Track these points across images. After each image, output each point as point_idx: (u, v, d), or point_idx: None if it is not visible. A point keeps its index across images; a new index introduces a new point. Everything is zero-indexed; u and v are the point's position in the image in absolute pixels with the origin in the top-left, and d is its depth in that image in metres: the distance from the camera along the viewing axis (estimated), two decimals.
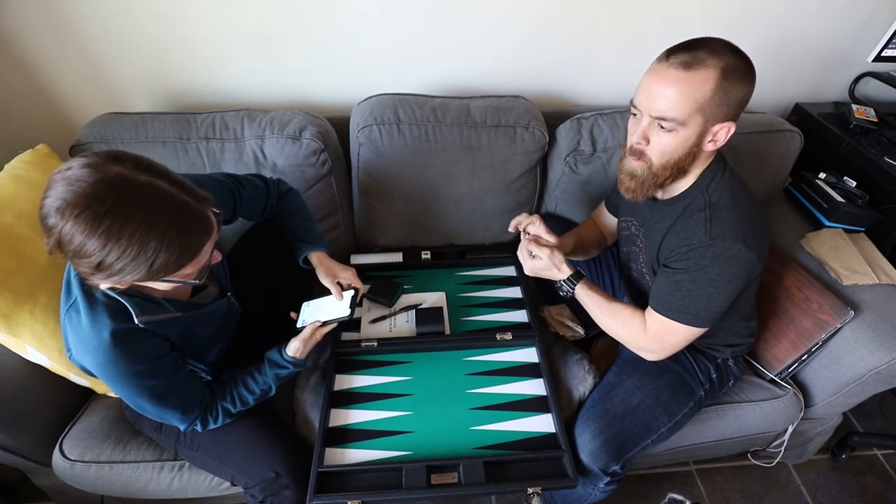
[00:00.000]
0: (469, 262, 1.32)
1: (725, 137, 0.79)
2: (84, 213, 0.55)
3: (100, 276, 0.61)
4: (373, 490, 0.86)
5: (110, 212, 0.56)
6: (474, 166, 1.22)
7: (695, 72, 0.73)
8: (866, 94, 1.54)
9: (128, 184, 0.58)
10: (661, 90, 0.75)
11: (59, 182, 0.57)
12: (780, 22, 1.33)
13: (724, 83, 0.73)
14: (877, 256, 1.21)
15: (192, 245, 0.64)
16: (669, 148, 0.79)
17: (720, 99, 0.74)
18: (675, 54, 0.75)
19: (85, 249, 0.56)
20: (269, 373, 0.91)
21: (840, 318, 1.06)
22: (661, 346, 0.92)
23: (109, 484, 0.99)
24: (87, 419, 1.03)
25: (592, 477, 0.95)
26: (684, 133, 0.77)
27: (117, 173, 0.58)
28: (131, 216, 0.57)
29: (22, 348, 0.92)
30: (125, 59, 1.21)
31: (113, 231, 0.56)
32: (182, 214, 0.62)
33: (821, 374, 1.14)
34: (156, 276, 0.63)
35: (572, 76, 1.38)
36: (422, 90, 1.28)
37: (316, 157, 1.15)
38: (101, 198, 0.56)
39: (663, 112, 0.76)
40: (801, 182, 1.37)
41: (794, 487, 1.37)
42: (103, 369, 0.73)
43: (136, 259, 0.58)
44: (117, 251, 0.57)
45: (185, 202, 0.62)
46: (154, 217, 0.58)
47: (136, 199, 0.58)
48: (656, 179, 0.83)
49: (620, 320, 0.94)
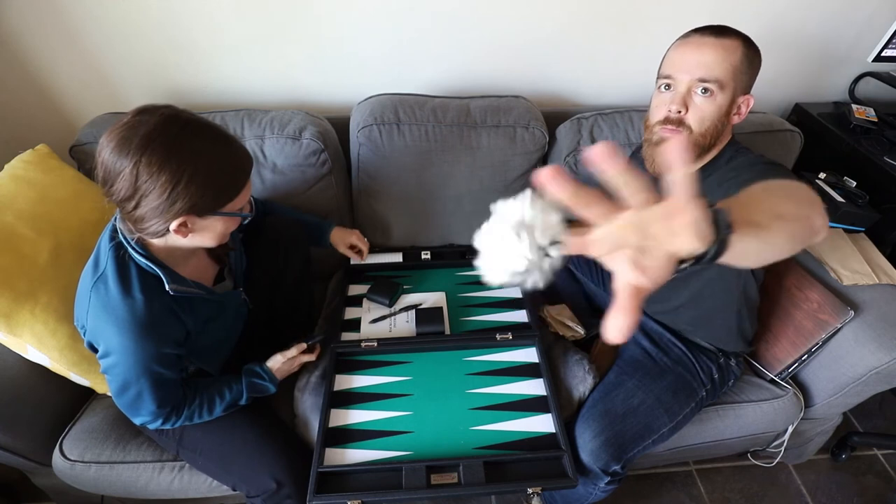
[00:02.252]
0: (469, 262, 1.32)
1: (746, 110, 0.84)
2: (157, 143, 0.62)
3: (171, 212, 0.66)
4: (373, 490, 0.86)
5: (179, 138, 0.63)
6: (474, 166, 1.22)
7: (727, 39, 0.80)
8: (866, 94, 1.54)
9: (185, 118, 0.66)
10: (700, 54, 0.81)
11: (119, 130, 0.63)
12: (780, 22, 1.33)
13: (748, 52, 0.81)
14: (877, 256, 1.21)
15: (244, 170, 0.73)
16: (708, 113, 0.82)
17: (746, 67, 0.81)
18: (700, 31, 0.83)
19: (160, 178, 0.63)
20: (244, 381, 0.93)
21: (840, 318, 1.06)
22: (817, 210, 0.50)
23: (110, 484, 0.99)
24: (86, 419, 1.02)
25: (593, 477, 0.95)
26: (721, 98, 0.81)
27: (172, 112, 0.66)
28: (195, 141, 0.65)
29: (22, 348, 0.92)
30: (125, 59, 1.21)
31: (185, 155, 0.63)
32: (232, 142, 0.71)
33: (821, 374, 1.14)
34: (219, 198, 0.70)
35: (572, 76, 1.38)
36: (422, 90, 1.28)
37: (316, 157, 1.15)
38: (168, 129, 0.63)
39: (705, 73, 0.80)
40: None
41: (794, 487, 1.37)
42: (123, 341, 0.74)
43: (207, 180, 0.66)
44: (190, 172, 0.64)
45: (231, 135, 0.72)
46: (214, 142, 0.68)
47: (196, 128, 0.66)
48: (698, 144, 0.84)
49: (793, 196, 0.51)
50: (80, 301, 0.78)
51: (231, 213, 0.74)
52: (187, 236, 0.72)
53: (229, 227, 0.78)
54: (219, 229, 0.76)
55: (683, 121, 0.83)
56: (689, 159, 0.35)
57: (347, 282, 1.24)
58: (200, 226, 0.73)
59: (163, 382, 0.81)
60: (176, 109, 0.67)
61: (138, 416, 0.83)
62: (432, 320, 1.11)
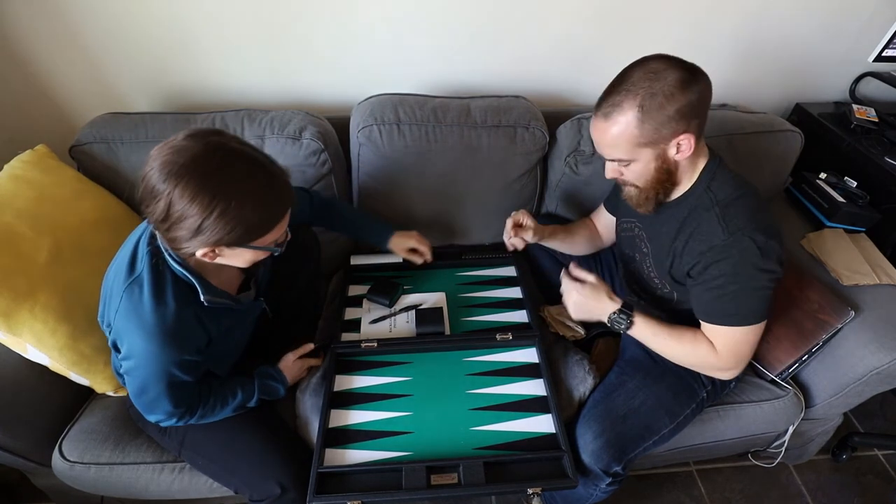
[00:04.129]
0: (469, 262, 1.32)
1: (690, 146, 0.80)
2: (194, 174, 0.62)
3: (198, 240, 0.66)
4: (373, 490, 0.86)
5: (216, 172, 0.63)
6: (474, 166, 1.22)
7: (614, 119, 0.78)
8: (867, 94, 1.54)
9: (228, 149, 0.65)
10: (599, 139, 0.83)
11: (165, 152, 0.64)
12: (780, 22, 1.33)
13: (645, 116, 0.76)
14: (877, 256, 1.21)
15: (279, 208, 0.71)
16: (639, 174, 0.84)
17: (652, 127, 0.77)
18: (600, 102, 0.80)
19: (192, 209, 0.62)
20: (256, 382, 0.94)
21: (841, 318, 1.06)
22: (735, 359, 0.89)
23: (110, 485, 0.99)
24: (85, 420, 1.02)
25: (594, 478, 0.95)
26: (641, 163, 0.82)
27: (218, 142, 0.65)
28: (233, 176, 0.64)
29: (22, 347, 0.92)
30: (125, 59, 1.21)
31: (219, 189, 0.63)
32: (272, 178, 0.69)
33: (821, 375, 1.13)
34: (248, 238, 0.69)
35: (572, 76, 1.38)
36: (422, 90, 1.28)
37: (316, 157, 1.15)
38: (208, 160, 0.63)
39: (610, 155, 0.84)
40: (801, 182, 1.37)
41: (795, 488, 1.37)
42: (148, 346, 0.74)
43: (238, 217, 0.65)
44: (221, 207, 0.63)
45: (274, 170, 0.70)
46: (252, 178, 0.66)
47: (237, 162, 0.65)
48: (650, 194, 0.87)
49: (686, 345, 0.91)
50: (111, 300, 0.78)
51: (261, 248, 0.74)
52: (214, 260, 0.72)
53: (259, 256, 0.77)
54: (248, 257, 0.76)
55: (626, 181, 0.87)
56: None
57: (347, 282, 1.24)
58: (229, 254, 0.72)
59: (181, 386, 0.81)
60: (222, 138, 0.66)
61: (153, 414, 0.84)
62: (432, 321, 1.11)
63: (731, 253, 0.81)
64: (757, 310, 0.84)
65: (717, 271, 0.83)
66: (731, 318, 0.85)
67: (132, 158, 1.12)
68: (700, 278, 0.87)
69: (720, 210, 0.84)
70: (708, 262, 0.84)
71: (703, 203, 0.86)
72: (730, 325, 0.86)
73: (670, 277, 0.95)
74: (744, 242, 0.80)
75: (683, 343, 0.91)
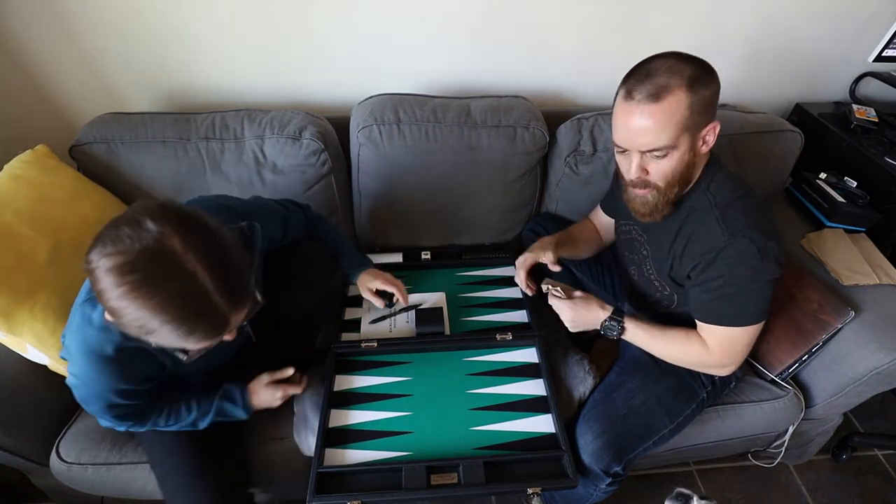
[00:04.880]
0: (469, 262, 1.32)
1: (714, 137, 0.80)
2: (115, 271, 0.55)
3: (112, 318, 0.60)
4: (373, 490, 0.86)
5: (137, 284, 0.55)
6: (474, 166, 1.22)
7: (665, 100, 0.74)
8: (867, 94, 1.54)
9: (167, 262, 0.56)
10: (641, 126, 0.76)
11: (111, 229, 0.57)
12: (780, 22, 1.33)
13: (694, 96, 0.74)
14: (877, 256, 1.21)
15: (199, 337, 0.61)
16: (669, 169, 0.81)
17: (697, 110, 0.75)
18: (637, 88, 0.75)
19: (106, 297, 0.56)
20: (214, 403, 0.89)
21: (841, 318, 1.06)
22: (729, 356, 0.90)
23: (107, 485, 0.99)
24: (83, 421, 1.02)
25: (594, 478, 0.95)
26: (678, 152, 0.79)
27: (162, 247, 0.56)
28: (152, 294, 0.56)
29: (22, 347, 0.92)
30: (125, 59, 1.21)
31: (131, 298, 0.55)
32: (203, 312, 0.59)
33: (821, 375, 1.13)
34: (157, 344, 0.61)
35: (572, 76, 1.38)
36: (422, 90, 1.28)
37: (316, 157, 1.15)
38: (134, 268, 0.55)
39: (651, 144, 0.77)
40: (801, 182, 1.37)
41: (795, 488, 1.37)
42: (85, 369, 0.72)
43: (141, 325, 0.57)
44: (129, 312, 0.56)
45: (213, 304, 0.59)
46: (172, 305, 0.57)
47: (166, 282, 0.56)
48: (668, 198, 0.84)
49: (679, 345, 0.93)
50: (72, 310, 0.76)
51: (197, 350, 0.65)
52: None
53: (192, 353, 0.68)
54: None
55: (648, 181, 0.83)
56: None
57: (347, 282, 1.24)
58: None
59: (123, 406, 0.79)
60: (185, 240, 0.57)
61: (100, 419, 0.83)
62: (432, 320, 1.11)
63: (730, 254, 0.81)
64: (754, 311, 0.84)
65: (715, 272, 0.83)
66: (727, 319, 0.86)
67: (132, 158, 1.12)
68: (698, 279, 0.87)
69: (719, 211, 0.84)
70: (707, 262, 0.84)
71: (702, 204, 0.86)
72: (726, 325, 0.86)
73: (670, 280, 0.95)
74: (743, 244, 0.80)
75: (676, 343, 0.93)
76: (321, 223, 1.09)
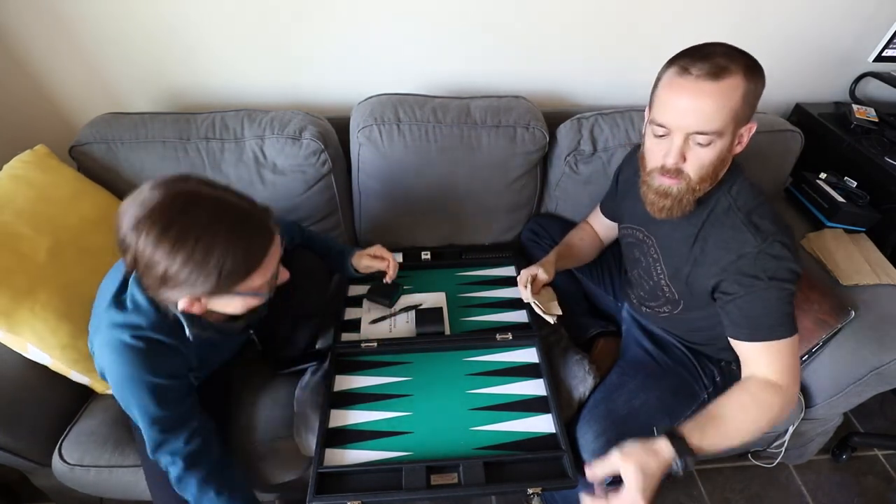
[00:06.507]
0: (469, 262, 1.32)
1: (748, 137, 0.78)
2: (153, 225, 0.60)
3: (167, 289, 0.63)
4: (373, 491, 0.85)
5: (175, 220, 0.60)
6: (474, 166, 1.22)
7: (725, 80, 0.70)
8: (867, 94, 1.54)
9: (191, 196, 0.63)
10: (696, 105, 0.71)
11: (131, 205, 0.62)
12: (780, 22, 1.33)
13: (749, 84, 0.72)
14: (877, 256, 1.21)
15: (255, 250, 0.66)
16: (707, 160, 0.76)
17: (748, 101, 0.73)
18: (695, 65, 0.71)
19: (154, 259, 0.60)
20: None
21: (841, 318, 1.06)
22: (793, 377, 0.79)
23: (109, 487, 0.99)
24: (85, 422, 1.02)
25: None
26: (721, 143, 0.75)
27: (182, 188, 0.63)
28: (195, 223, 0.61)
29: (23, 346, 0.92)
30: (125, 59, 1.21)
31: (178, 238, 0.60)
32: (243, 219, 0.65)
33: (821, 375, 1.13)
34: (226, 285, 0.65)
35: (572, 76, 1.38)
36: (422, 90, 1.28)
37: (316, 157, 1.15)
38: (167, 209, 0.60)
39: (702, 127, 0.72)
40: (801, 182, 1.37)
41: (795, 488, 1.37)
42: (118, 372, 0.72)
43: (204, 265, 0.61)
44: (183, 257, 0.60)
45: (245, 209, 0.66)
46: (216, 222, 0.62)
47: (200, 208, 0.62)
48: (695, 193, 0.80)
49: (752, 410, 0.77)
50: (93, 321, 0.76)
51: (244, 294, 0.69)
52: (203, 311, 0.70)
53: (251, 303, 0.73)
54: (237, 305, 0.72)
55: (682, 170, 0.78)
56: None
57: (347, 282, 1.24)
58: (215, 303, 0.70)
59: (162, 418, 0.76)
60: (187, 184, 0.63)
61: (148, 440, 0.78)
62: (432, 321, 1.11)
63: (766, 259, 0.78)
64: (792, 317, 0.79)
65: (751, 281, 0.78)
66: (779, 330, 0.78)
67: (132, 158, 1.12)
68: (737, 292, 0.80)
69: (744, 216, 0.80)
70: (742, 271, 0.79)
71: (722, 206, 0.83)
72: (780, 337, 0.78)
73: (685, 285, 0.92)
74: (775, 248, 0.78)
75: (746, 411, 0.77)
76: (315, 236, 1.12)
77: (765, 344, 0.79)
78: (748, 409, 0.77)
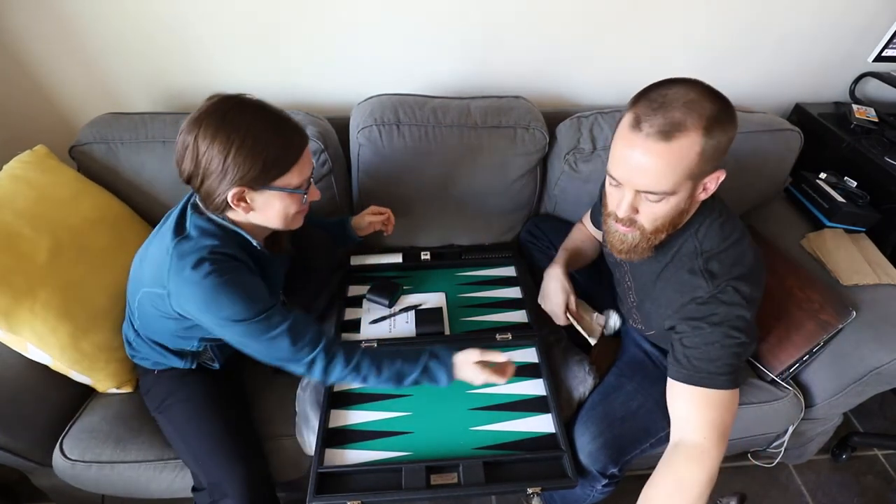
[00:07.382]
0: (469, 263, 1.32)
1: (716, 185, 0.73)
2: (210, 119, 0.72)
3: (226, 181, 0.72)
4: (373, 491, 0.86)
5: (227, 115, 0.72)
6: (474, 167, 1.22)
7: (677, 141, 0.65)
8: (867, 93, 1.54)
9: (238, 100, 0.75)
10: (644, 165, 0.67)
11: (188, 120, 0.74)
12: (780, 22, 1.33)
13: (709, 141, 0.66)
14: (877, 256, 1.21)
15: (294, 146, 0.77)
16: (661, 214, 0.74)
17: (708, 157, 0.67)
18: (648, 119, 0.66)
19: (213, 150, 0.71)
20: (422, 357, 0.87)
21: (841, 318, 1.06)
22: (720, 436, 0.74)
23: (111, 484, 0.99)
24: (86, 418, 1.02)
25: (591, 478, 0.95)
26: (675, 199, 0.71)
27: (229, 96, 0.75)
28: (244, 114, 0.73)
29: (23, 346, 0.92)
30: (125, 59, 1.21)
31: (232, 130, 0.71)
32: (284, 119, 0.77)
33: (821, 375, 1.13)
34: (270, 175, 0.75)
35: (572, 76, 1.38)
36: (422, 90, 1.28)
37: (316, 157, 1.15)
38: (220, 109, 0.73)
39: (650, 187, 0.69)
40: (801, 182, 1.37)
41: (795, 488, 1.37)
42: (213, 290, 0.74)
43: (254, 150, 0.72)
44: (237, 144, 0.71)
45: (284, 114, 0.78)
46: (262, 120, 0.74)
47: (247, 108, 0.74)
48: (651, 242, 0.78)
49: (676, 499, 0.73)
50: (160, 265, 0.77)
51: (284, 189, 0.77)
52: (249, 213, 0.78)
53: (289, 207, 0.80)
54: (278, 207, 0.79)
55: (635, 220, 0.76)
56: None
57: (347, 282, 1.24)
58: (259, 202, 0.77)
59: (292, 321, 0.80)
60: (237, 95, 0.75)
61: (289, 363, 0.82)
62: (432, 321, 1.11)
63: (716, 303, 0.77)
64: (736, 369, 0.76)
65: (698, 324, 0.77)
66: (719, 379, 0.75)
67: (132, 158, 1.12)
68: (685, 332, 0.79)
69: (703, 262, 0.79)
70: (690, 314, 0.79)
71: (687, 249, 0.82)
72: (718, 387, 0.75)
73: (646, 317, 0.94)
74: (727, 293, 0.76)
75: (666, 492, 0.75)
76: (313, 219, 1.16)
77: (702, 391, 0.75)
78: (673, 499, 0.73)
